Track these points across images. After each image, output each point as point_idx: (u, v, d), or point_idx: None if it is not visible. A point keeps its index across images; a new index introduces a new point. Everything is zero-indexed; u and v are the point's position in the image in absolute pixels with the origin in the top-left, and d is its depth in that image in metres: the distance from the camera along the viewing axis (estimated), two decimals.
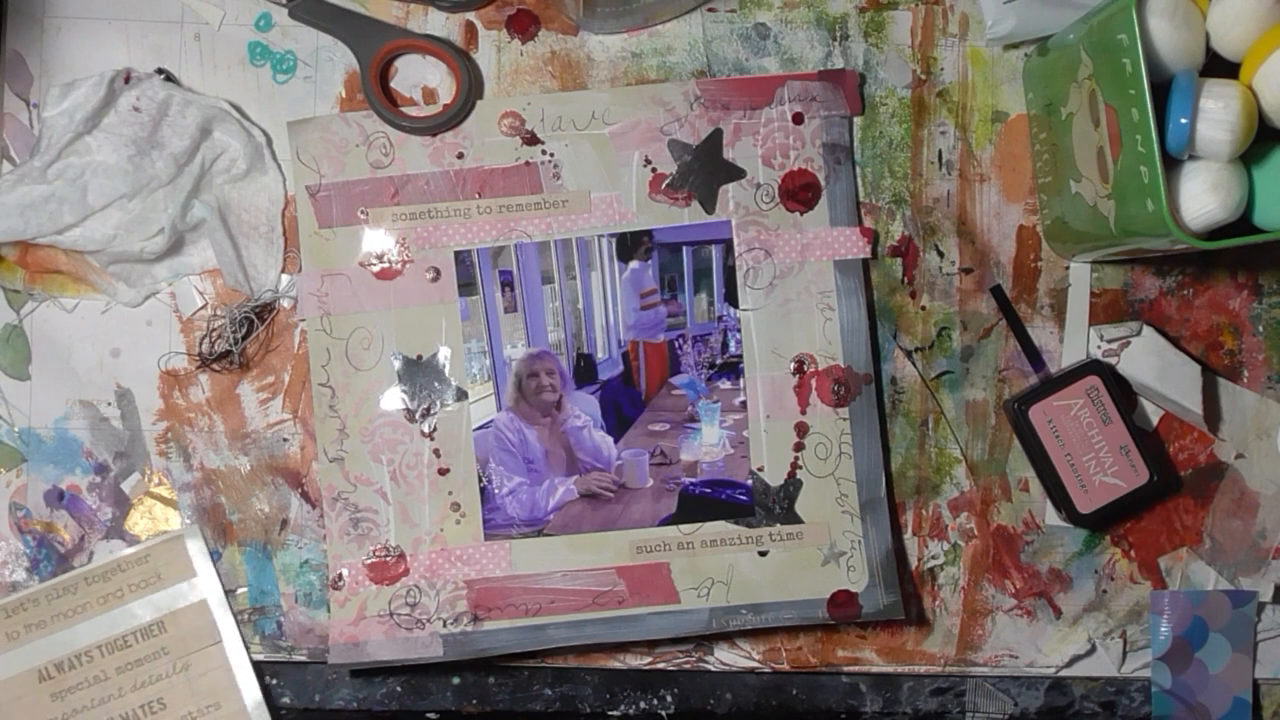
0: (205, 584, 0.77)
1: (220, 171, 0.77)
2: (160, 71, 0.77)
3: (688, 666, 0.79)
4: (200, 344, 0.78)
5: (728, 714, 0.80)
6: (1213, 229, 0.67)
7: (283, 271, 0.78)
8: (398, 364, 0.77)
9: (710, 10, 0.79)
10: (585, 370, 0.78)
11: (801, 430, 0.77)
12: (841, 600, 0.77)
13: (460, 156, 0.77)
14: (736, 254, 0.77)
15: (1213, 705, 0.80)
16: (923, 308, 0.80)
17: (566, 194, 0.77)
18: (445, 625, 0.76)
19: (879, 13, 0.80)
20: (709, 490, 0.77)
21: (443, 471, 0.77)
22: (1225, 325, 0.81)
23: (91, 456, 0.78)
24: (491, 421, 0.77)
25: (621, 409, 0.78)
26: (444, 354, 0.77)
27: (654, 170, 0.77)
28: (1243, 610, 0.80)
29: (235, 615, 0.77)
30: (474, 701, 0.79)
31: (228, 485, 0.78)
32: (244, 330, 0.77)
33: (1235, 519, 0.81)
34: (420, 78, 0.79)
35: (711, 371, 0.78)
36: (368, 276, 0.77)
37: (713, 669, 0.80)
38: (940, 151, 0.80)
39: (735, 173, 0.78)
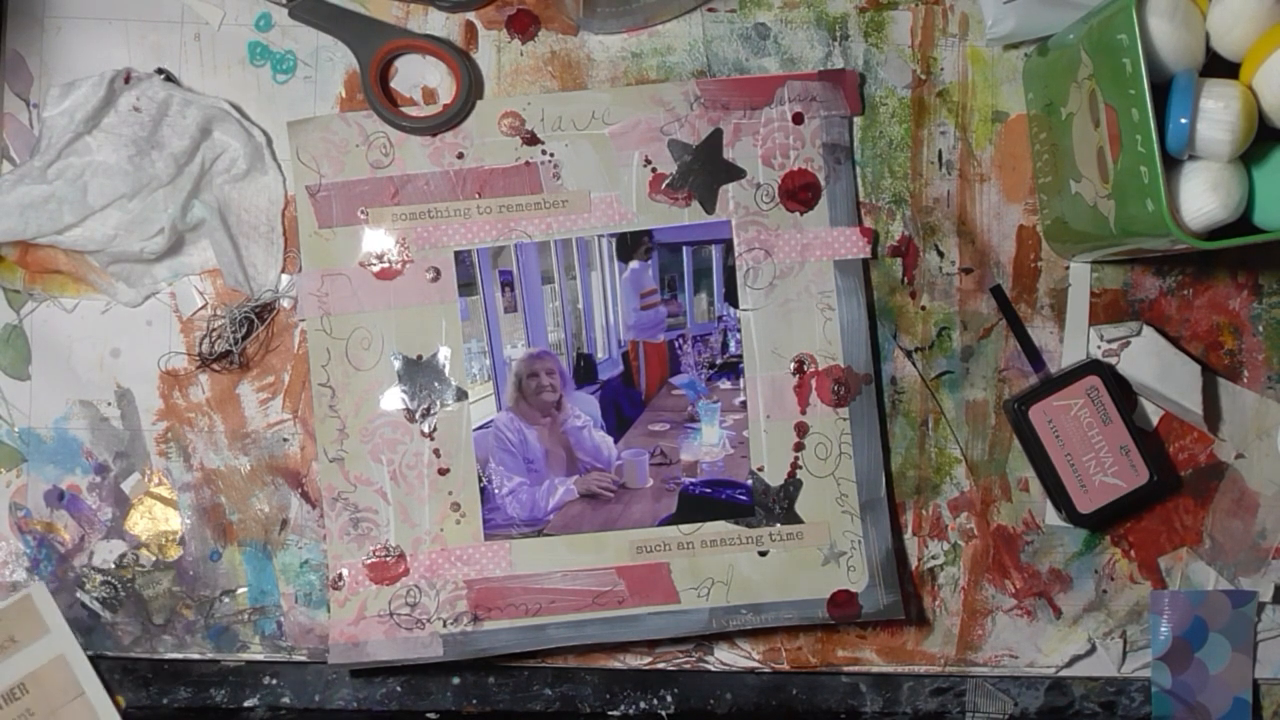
0: (59, 639, 0.76)
1: (220, 171, 0.77)
2: (160, 71, 0.77)
3: (688, 666, 0.79)
4: (200, 344, 0.78)
5: (728, 714, 0.80)
6: (1213, 229, 0.67)
7: (283, 271, 0.78)
8: (398, 364, 0.77)
9: (710, 10, 0.79)
10: (585, 370, 0.78)
11: (801, 430, 0.77)
12: (841, 600, 0.77)
13: (460, 156, 0.77)
14: (736, 254, 0.77)
15: (1213, 705, 0.80)
16: (923, 308, 0.80)
17: (566, 194, 0.77)
18: (445, 625, 0.76)
19: (879, 13, 0.80)
20: (709, 490, 0.77)
21: (443, 471, 0.77)
22: (1225, 325, 0.81)
23: (91, 456, 0.78)
24: (491, 421, 0.77)
25: (621, 409, 0.78)
26: (444, 354, 0.77)
27: (654, 170, 0.77)
28: (1243, 610, 0.80)
29: (95, 666, 0.77)
30: (474, 701, 0.79)
31: (228, 485, 0.78)
32: (244, 330, 0.77)
33: (1235, 519, 0.81)
34: (420, 78, 0.79)
35: (711, 371, 0.78)
36: (368, 276, 0.77)
37: (713, 669, 0.80)
38: (940, 151, 0.80)
39: (735, 173, 0.78)
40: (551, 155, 0.77)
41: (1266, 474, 0.81)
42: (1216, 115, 0.66)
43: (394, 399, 0.77)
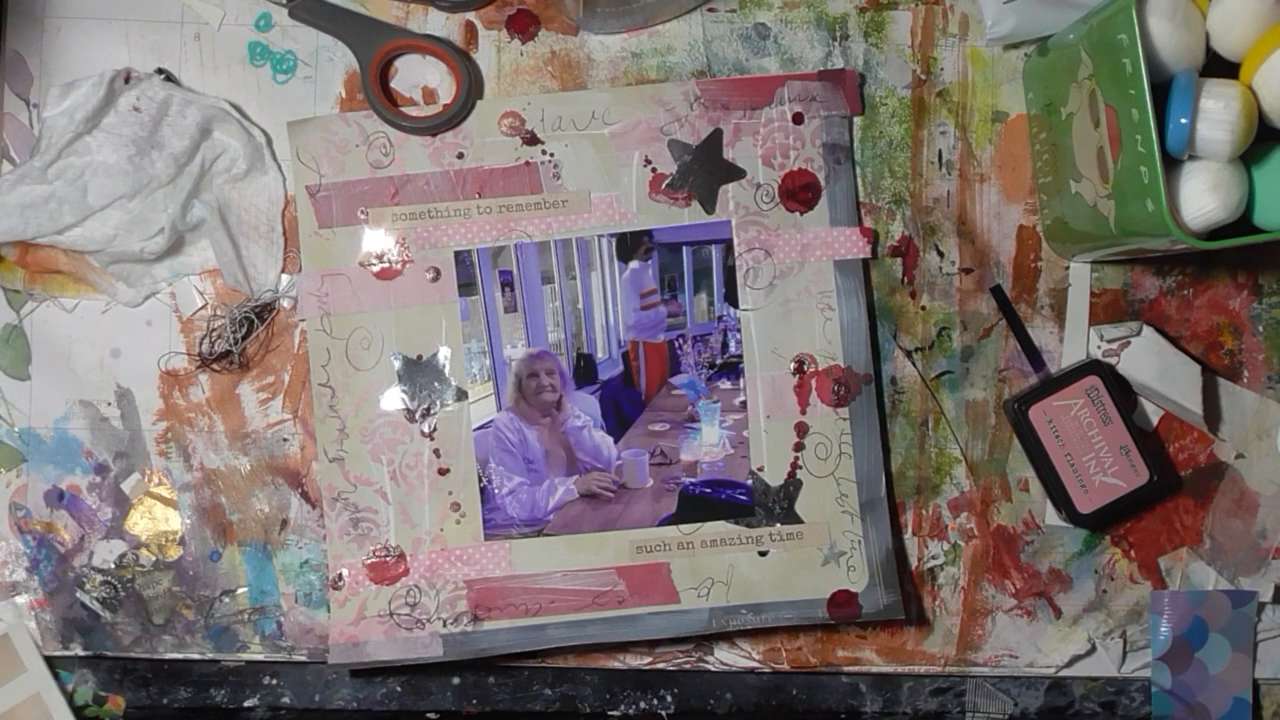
0: (36, 677, 0.76)
1: (220, 171, 0.77)
2: (160, 71, 0.77)
3: (688, 666, 0.79)
4: (200, 344, 0.78)
5: (728, 714, 0.80)
6: (1213, 229, 0.67)
7: (283, 271, 0.78)
8: (398, 364, 0.77)
9: (710, 10, 0.79)
10: (585, 370, 0.78)
11: (801, 430, 0.77)
12: (841, 600, 0.77)
13: (460, 156, 0.77)
14: (736, 254, 0.77)
15: (1213, 705, 0.80)
16: (923, 308, 0.80)
17: (566, 194, 0.77)
18: (445, 625, 0.76)
19: (879, 13, 0.80)
20: (709, 490, 0.77)
21: (443, 471, 0.77)
22: (1225, 325, 0.81)
23: (91, 456, 0.78)
24: (491, 421, 0.77)
25: (621, 409, 0.78)
26: (444, 354, 0.77)
27: (654, 170, 0.77)
28: (1243, 610, 0.80)
29: (72, 707, 0.77)
30: (474, 701, 0.79)
31: (228, 485, 0.78)
32: (244, 330, 0.77)
33: (1235, 519, 0.81)
34: (420, 78, 0.79)
35: (711, 371, 0.78)
36: (368, 276, 0.77)
37: (713, 669, 0.80)
38: (940, 151, 0.80)
39: (735, 173, 0.78)
40: (551, 155, 0.77)
41: (1266, 474, 0.81)
42: (1216, 115, 0.66)
43: (394, 399, 0.77)
